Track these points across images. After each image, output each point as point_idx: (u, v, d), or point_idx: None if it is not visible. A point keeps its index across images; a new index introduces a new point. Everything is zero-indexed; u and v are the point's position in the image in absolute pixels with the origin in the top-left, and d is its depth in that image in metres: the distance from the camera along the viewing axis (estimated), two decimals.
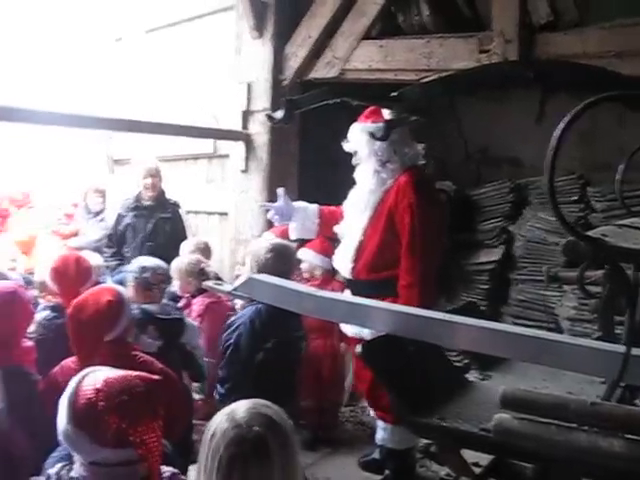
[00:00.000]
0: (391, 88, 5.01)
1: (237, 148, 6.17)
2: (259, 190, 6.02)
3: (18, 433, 2.91)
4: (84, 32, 10.07)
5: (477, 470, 2.99)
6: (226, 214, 6.42)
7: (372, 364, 2.70)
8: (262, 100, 6.05)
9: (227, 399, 3.72)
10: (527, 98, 5.67)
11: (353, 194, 4.29)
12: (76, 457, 2.06)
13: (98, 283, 3.92)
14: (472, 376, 3.35)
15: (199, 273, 4.75)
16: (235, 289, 3.23)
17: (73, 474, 2.05)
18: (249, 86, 6.12)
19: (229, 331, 3.80)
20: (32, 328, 3.47)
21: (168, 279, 4.32)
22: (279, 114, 3.64)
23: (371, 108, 4.18)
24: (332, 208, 4.52)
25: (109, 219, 7.02)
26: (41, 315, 3.68)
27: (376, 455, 4.49)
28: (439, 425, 2.49)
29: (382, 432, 4.28)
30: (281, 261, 3.82)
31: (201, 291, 4.78)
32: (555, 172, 1.93)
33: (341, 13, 5.73)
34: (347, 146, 4.25)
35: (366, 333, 3.90)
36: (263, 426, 1.80)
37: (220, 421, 1.84)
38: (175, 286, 4.79)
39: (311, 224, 4.57)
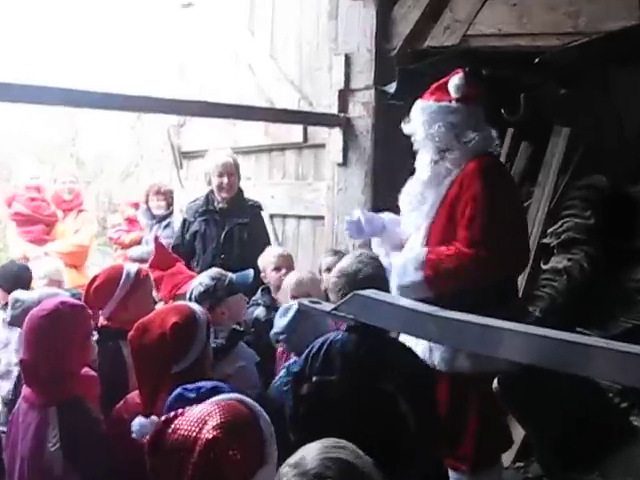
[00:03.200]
0: (527, 57, 5.00)
1: (333, 136, 6.18)
2: (361, 188, 6.01)
3: None
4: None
5: None
6: (321, 218, 6.44)
7: (512, 403, 2.66)
8: (364, 76, 6.02)
9: None
10: None
11: (408, 187, 4.29)
12: None
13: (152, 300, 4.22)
14: (637, 422, 3.26)
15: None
16: (336, 309, 3.23)
17: None
18: (347, 58, 6.11)
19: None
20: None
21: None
22: (392, 88, 3.64)
23: (438, 83, 4.19)
24: None
25: (176, 225, 7.16)
26: None
27: None
28: None
29: None
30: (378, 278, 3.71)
31: None
32: None
33: None
34: (406, 128, 4.27)
35: (437, 360, 3.92)
36: (337, 474, 1.79)
37: (286, 474, 1.83)
38: None
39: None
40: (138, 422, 2.75)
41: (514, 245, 4.01)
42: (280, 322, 4.28)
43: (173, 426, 2.22)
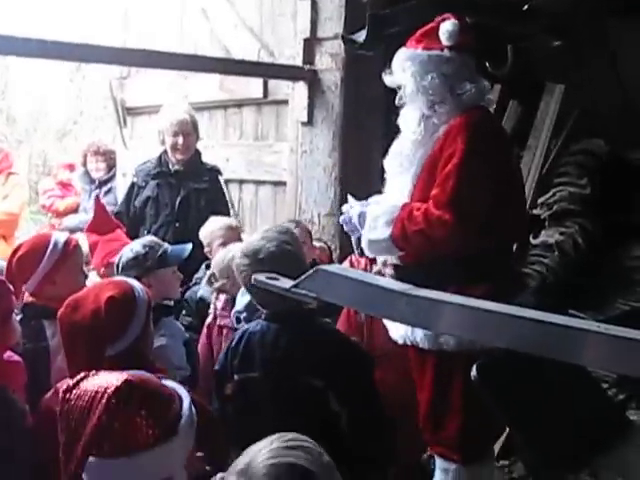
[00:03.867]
0: (516, 4, 4.98)
1: (297, 91, 6.17)
2: (328, 150, 5.99)
3: None
4: None
5: None
6: (282, 184, 6.44)
7: (492, 393, 2.64)
8: (333, 23, 6.00)
9: None
10: None
11: (394, 147, 4.25)
12: None
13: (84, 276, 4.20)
14: (635, 415, 3.27)
15: None
16: (296, 285, 3.18)
17: None
18: (314, 3, 6.09)
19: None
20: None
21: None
22: (361, 37, 3.60)
23: (425, 29, 4.14)
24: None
25: (119, 191, 7.11)
26: None
27: None
28: None
29: (443, 475, 4.22)
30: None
31: None
32: None
33: None
34: (388, 79, 4.22)
35: (419, 337, 3.95)
36: None
37: None
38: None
39: None
40: None
41: (493, 211, 3.94)
42: (242, 300, 4.26)
43: (87, 380, 2.39)
